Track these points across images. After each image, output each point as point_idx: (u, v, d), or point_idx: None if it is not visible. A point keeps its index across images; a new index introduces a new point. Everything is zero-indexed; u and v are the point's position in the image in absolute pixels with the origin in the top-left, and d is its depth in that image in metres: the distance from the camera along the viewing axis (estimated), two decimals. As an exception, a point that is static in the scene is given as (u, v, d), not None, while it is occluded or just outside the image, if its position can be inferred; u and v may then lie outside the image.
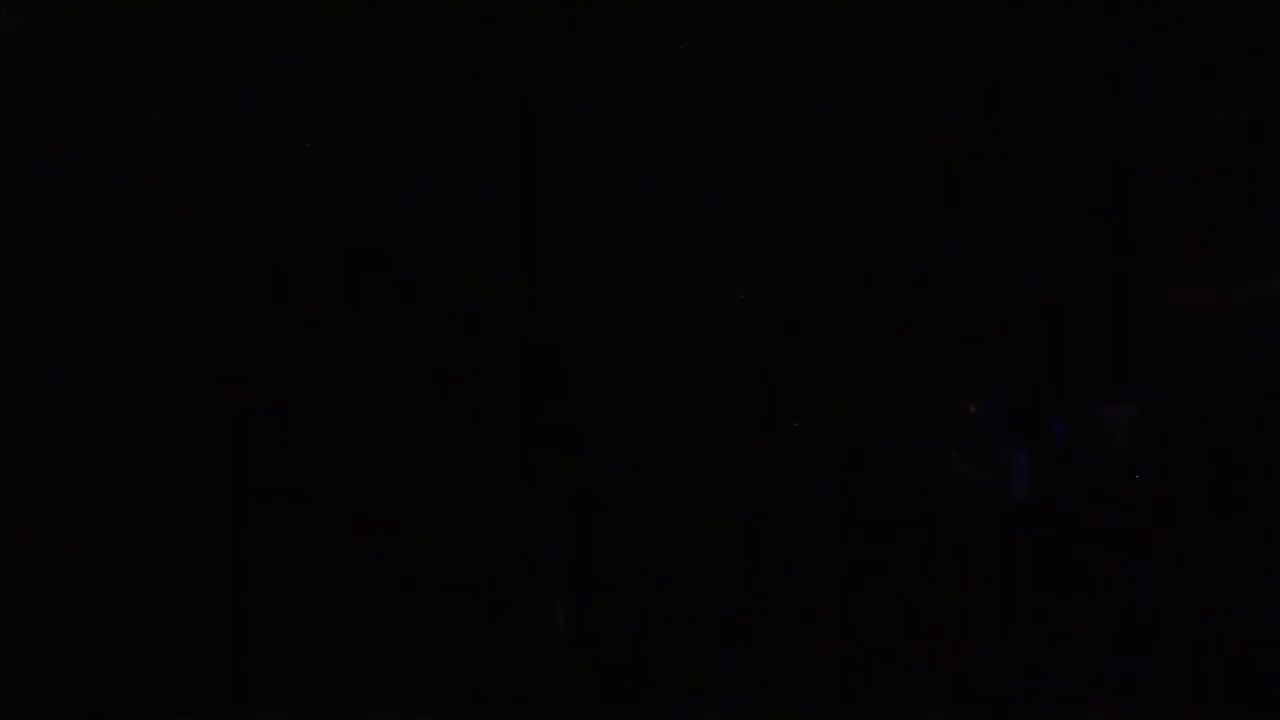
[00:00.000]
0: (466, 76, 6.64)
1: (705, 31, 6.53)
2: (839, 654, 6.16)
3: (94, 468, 6.14)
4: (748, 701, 6.12)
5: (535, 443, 6.47)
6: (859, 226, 6.44)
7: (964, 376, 6.93)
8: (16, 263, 6.16)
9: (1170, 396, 6.45)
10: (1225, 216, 6.55)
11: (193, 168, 6.33)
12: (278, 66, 6.41)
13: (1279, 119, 6.44)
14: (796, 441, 6.33)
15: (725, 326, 6.41)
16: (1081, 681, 6.71)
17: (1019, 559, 7.10)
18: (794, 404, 6.36)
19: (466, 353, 6.49)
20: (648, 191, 6.52)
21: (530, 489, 6.40)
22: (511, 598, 6.15)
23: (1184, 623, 6.29)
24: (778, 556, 6.26)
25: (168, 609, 6.04)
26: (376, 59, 6.55)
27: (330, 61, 6.49)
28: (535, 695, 6.06)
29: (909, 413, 6.36)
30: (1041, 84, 7.07)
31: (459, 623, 6.13)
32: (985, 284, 7.37)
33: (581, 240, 6.56)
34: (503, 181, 6.59)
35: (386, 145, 6.53)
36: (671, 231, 6.50)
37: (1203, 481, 6.36)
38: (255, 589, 6.12)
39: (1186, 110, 6.52)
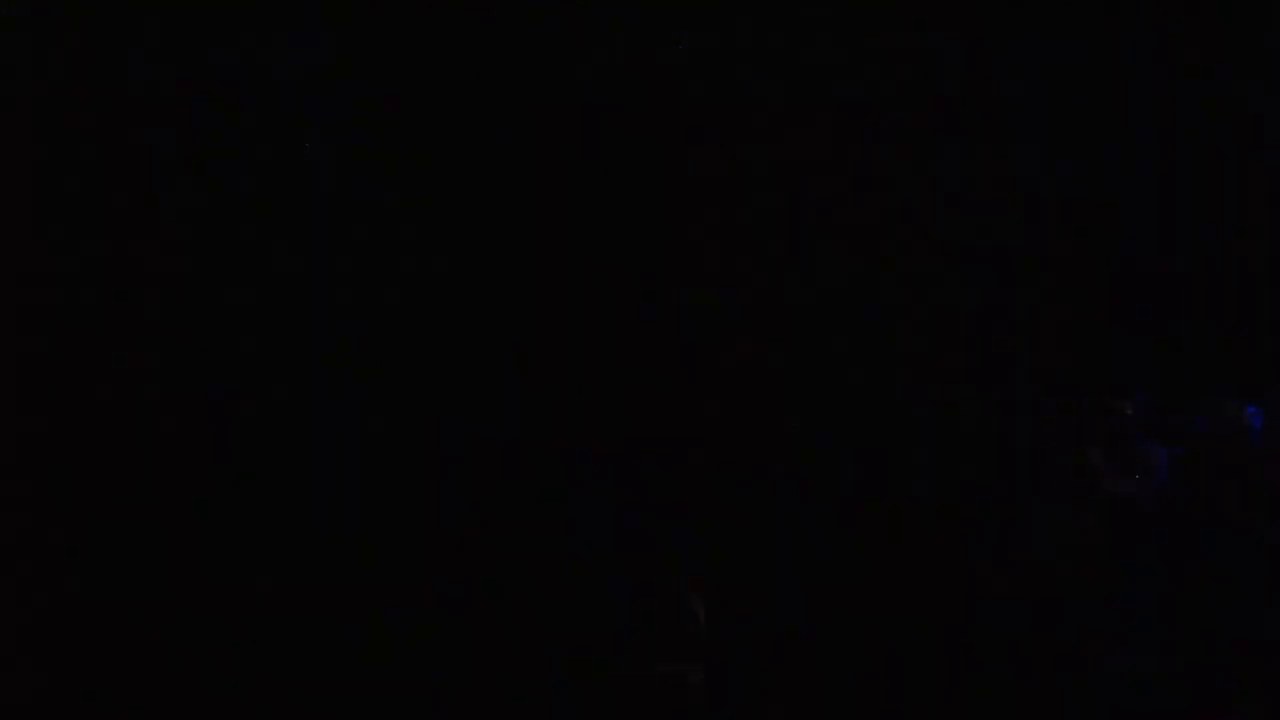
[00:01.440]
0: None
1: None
2: (977, 653, 6.07)
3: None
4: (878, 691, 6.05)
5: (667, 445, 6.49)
6: (1000, 228, 6.46)
7: (1109, 375, 6.93)
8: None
9: None
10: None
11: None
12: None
13: None
14: (934, 443, 6.31)
15: (864, 329, 6.41)
16: (1223, 678, 6.62)
17: (1157, 555, 7.06)
18: (936, 407, 6.33)
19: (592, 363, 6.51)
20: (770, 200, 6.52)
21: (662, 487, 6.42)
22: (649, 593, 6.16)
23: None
24: (917, 557, 6.20)
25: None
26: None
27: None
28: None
29: (1049, 412, 6.34)
30: (1181, 85, 7.03)
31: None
32: (1128, 281, 7.36)
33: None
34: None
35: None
36: (793, 230, 6.49)
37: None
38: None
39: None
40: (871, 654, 6.05)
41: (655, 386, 6.46)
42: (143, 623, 5.98)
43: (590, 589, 6.12)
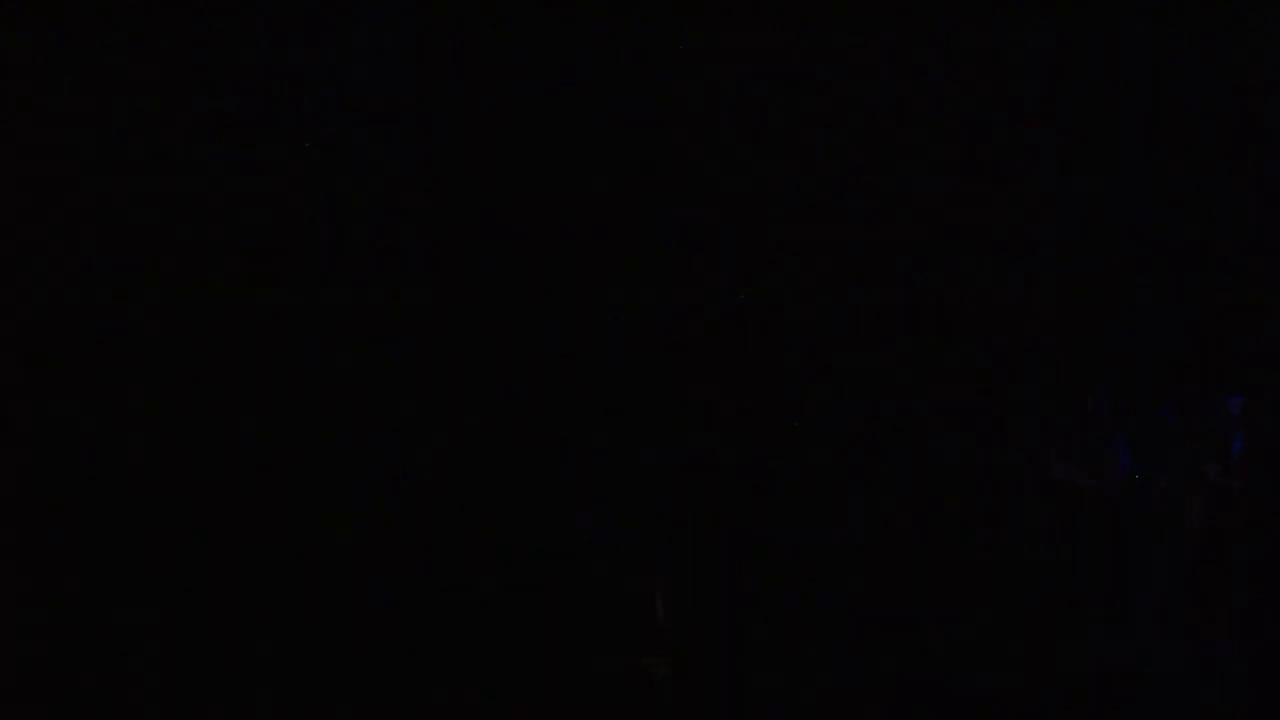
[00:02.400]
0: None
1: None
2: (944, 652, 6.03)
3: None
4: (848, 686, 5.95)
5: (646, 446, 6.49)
6: (966, 224, 6.45)
7: (1073, 369, 6.87)
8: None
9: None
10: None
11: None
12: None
13: None
14: (900, 438, 6.23)
15: (832, 327, 6.38)
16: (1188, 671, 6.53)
17: (1119, 556, 6.98)
18: (906, 404, 6.27)
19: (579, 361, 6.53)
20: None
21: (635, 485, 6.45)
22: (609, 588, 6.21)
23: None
24: (881, 550, 6.16)
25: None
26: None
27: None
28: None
29: (1012, 410, 6.23)
30: (1154, 80, 6.89)
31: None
32: (1098, 276, 7.24)
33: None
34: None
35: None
36: (776, 228, 6.45)
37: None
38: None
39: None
40: (836, 646, 6.02)
41: (625, 390, 6.46)
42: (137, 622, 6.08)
43: (559, 585, 6.13)
